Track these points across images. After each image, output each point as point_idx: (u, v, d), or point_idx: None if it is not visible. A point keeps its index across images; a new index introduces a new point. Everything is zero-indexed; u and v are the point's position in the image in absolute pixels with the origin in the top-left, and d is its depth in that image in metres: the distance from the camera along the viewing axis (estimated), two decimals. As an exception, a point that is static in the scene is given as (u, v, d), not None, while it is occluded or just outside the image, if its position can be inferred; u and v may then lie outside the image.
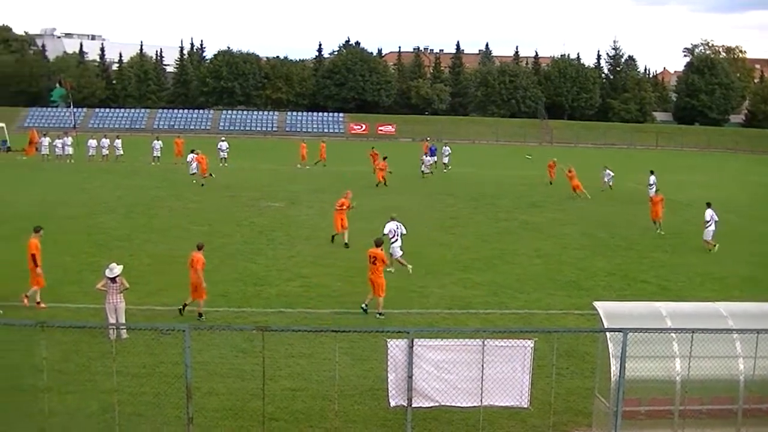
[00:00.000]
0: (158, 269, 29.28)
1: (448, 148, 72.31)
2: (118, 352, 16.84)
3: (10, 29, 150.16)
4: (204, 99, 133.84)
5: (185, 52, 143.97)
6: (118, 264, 21.43)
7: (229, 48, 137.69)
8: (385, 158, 57.69)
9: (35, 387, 16.39)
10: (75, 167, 65.97)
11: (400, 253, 29.54)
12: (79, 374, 17.55)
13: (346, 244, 34.11)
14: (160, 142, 72.28)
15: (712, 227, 36.19)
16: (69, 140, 73.61)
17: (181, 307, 23.24)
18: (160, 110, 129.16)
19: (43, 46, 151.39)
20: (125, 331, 20.09)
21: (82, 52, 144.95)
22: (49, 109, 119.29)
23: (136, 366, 18.17)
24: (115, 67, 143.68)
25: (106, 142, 73.68)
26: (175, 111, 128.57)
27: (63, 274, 27.20)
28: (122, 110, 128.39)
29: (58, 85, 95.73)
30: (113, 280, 21.04)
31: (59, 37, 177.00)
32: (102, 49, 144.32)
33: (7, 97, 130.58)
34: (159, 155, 70.15)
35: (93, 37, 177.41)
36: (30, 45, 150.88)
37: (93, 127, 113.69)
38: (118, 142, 73.42)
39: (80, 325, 18.45)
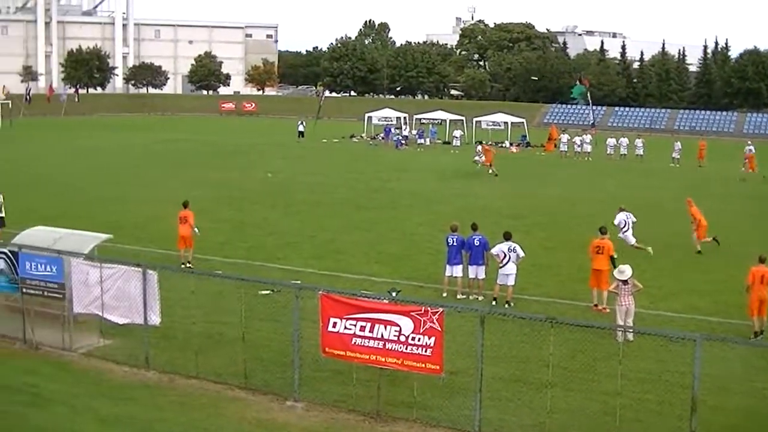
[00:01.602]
0: (673, 273, 29.19)
1: None
2: (625, 355, 17.03)
3: (533, 27, 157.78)
4: (728, 100, 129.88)
5: (709, 51, 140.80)
6: (628, 266, 21.74)
7: (755, 47, 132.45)
8: None
9: (540, 381, 17.18)
10: (592, 165, 67.69)
11: (633, 240, 31.77)
12: (584, 373, 18.00)
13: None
14: (679, 143, 71.48)
15: None
16: (588, 138, 75.68)
17: None
18: (681, 111, 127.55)
19: (564, 43, 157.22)
20: (632, 334, 20.32)
21: (603, 50, 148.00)
22: (569, 106, 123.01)
23: (642, 371, 18.26)
24: (635, 65, 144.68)
25: (624, 141, 74.79)
26: (697, 112, 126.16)
27: (577, 271, 28.02)
28: (642, 110, 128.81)
29: (578, 82, 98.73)
30: (625, 282, 21.39)
31: (580, 35, 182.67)
32: (623, 47, 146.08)
33: (528, 93, 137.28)
34: (678, 157, 69.46)
35: (614, 35, 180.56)
36: (551, 42, 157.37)
37: (612, 125, 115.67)
38: (639, 142, 73.97)
39: (588, 324, 18.95)
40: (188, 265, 27.98)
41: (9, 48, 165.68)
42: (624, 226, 32.12)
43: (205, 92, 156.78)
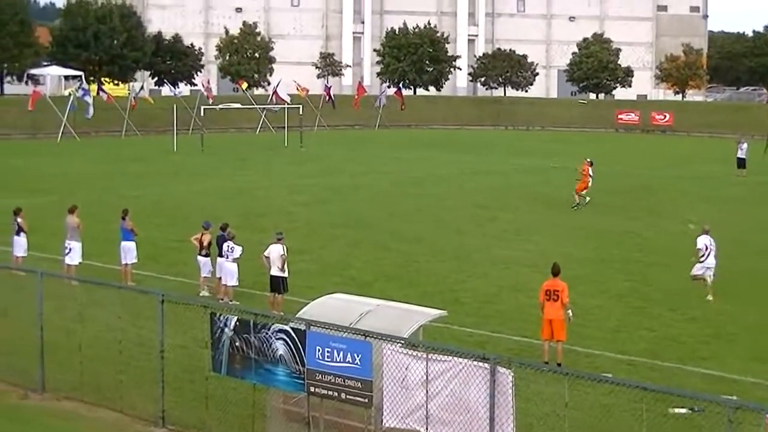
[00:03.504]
0: None
1: None
2: None
3: None
4: None
5: None
6: None
7: None
8: None
9: None
10: None
11: (700, 272, 37.13)
12: None
13: None
14: None
15: None
16: None
17: None
18: None
19: None
20: None
21: None
22: None
23: None
24: None
25: None
26: None
27: None
28: None
29: None
30: None
31: None
32: None
33: None
34: None
35: None
36: None
37: None
38: None
39: None
40: (558, 363, 27.88)
41: (301, 27, 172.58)
42: (705, 252, 37.28)
43: (593, 96, 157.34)
